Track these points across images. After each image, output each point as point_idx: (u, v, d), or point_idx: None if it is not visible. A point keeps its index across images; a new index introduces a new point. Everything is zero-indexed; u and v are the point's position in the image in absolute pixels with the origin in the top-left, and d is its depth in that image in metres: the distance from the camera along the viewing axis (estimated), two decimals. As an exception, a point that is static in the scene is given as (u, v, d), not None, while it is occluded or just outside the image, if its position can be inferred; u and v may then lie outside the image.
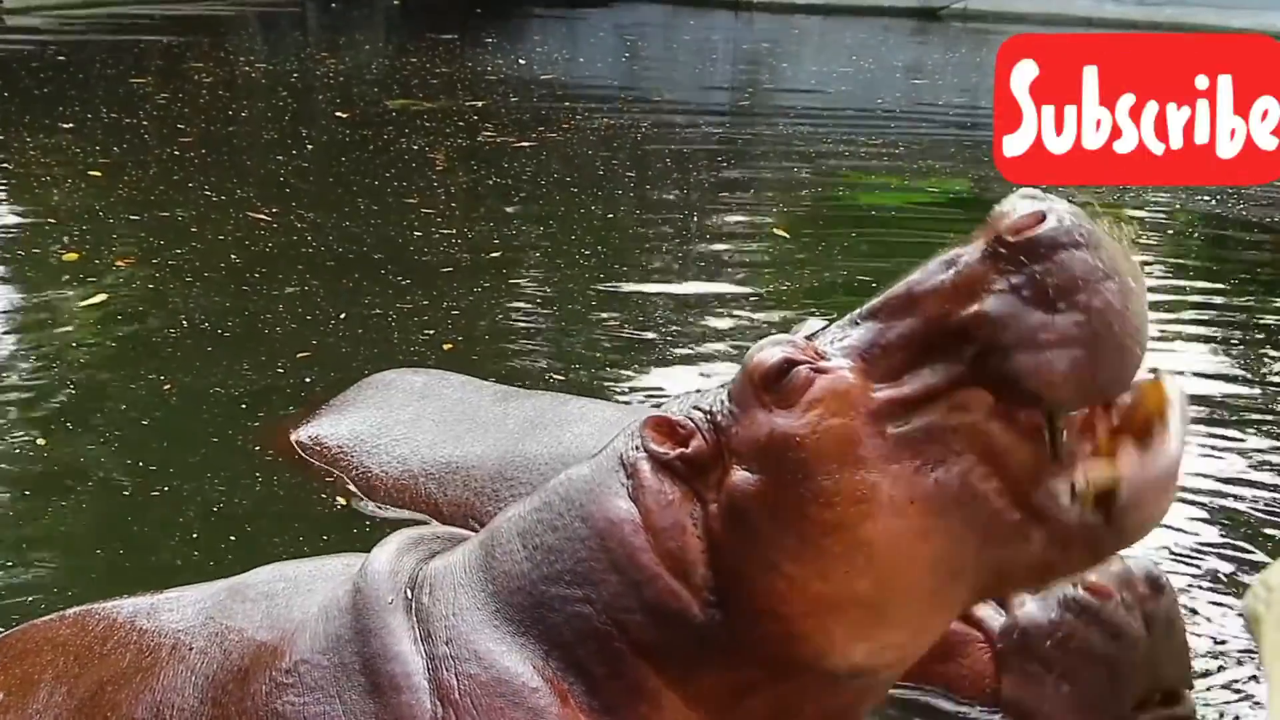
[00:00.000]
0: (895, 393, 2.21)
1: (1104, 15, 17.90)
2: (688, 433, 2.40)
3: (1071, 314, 2.10)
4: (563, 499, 2.52)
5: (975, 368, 2.16)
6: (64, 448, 5.00)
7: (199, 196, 8.69)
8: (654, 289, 7.15)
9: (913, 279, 2.27)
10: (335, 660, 2.59)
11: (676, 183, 9.84)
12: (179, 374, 5.68)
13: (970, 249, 2.22)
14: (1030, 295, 2.12)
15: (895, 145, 11.49)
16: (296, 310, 6.51)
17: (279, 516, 4.49)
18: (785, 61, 17.34)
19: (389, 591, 2.62)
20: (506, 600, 2.52)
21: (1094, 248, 2.14)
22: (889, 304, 2.28)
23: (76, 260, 7.30)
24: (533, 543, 2.51)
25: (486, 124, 11.38)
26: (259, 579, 2.93)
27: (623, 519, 2.40)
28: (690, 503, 2.38)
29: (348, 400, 4.93)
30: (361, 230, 7.99)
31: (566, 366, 5.94)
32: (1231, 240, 8.92)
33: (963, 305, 2.18)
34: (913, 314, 2.24)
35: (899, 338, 2.24)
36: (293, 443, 4.85)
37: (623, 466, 2.47)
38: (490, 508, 4.15)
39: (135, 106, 11.67)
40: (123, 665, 2.87)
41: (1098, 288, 2.11)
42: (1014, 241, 2.16)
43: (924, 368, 2.21)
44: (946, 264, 2.24)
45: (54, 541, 4.40)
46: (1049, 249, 2.14)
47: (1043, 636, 3.32)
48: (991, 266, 2.17)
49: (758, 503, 2.29)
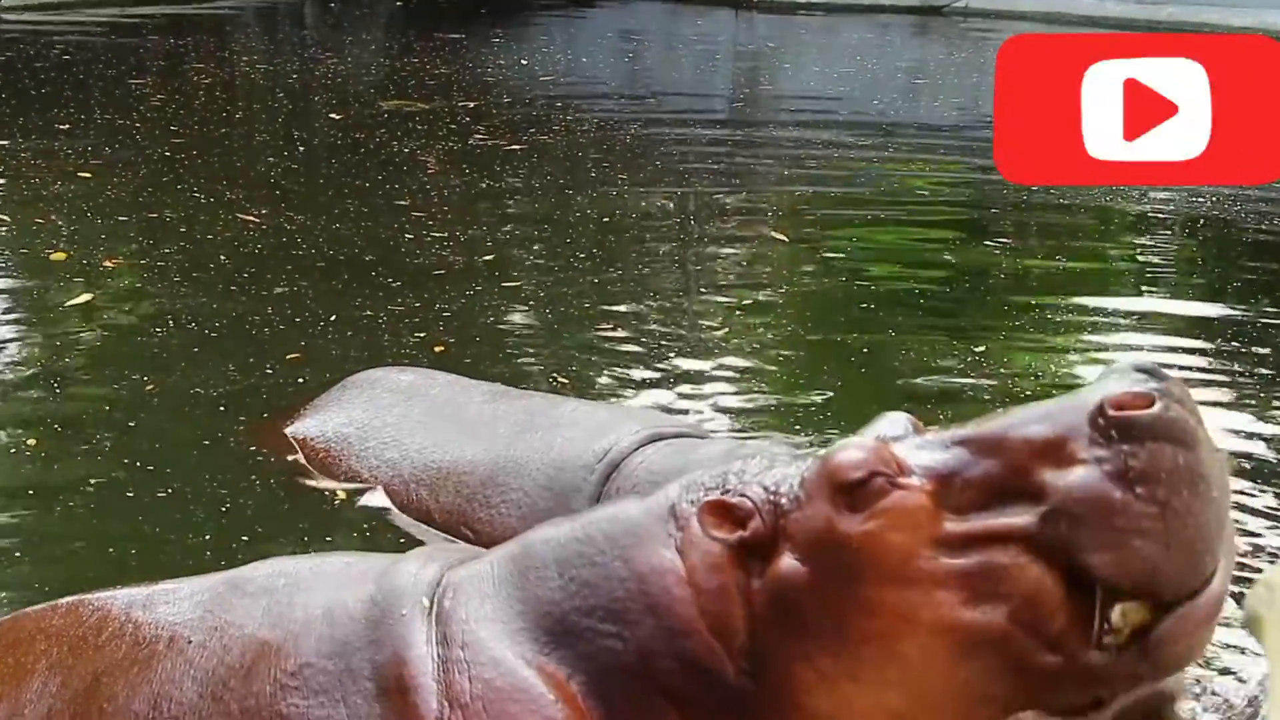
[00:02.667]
0: (962, 527, 2.27)
1: (1105, 14, 17.83)
2: (745, 514, 2.42)
3: (1148, 506, 2.15)
4: (606, 537, 2.55)
5: (1044, 524, 2.21)
6: (54, 448, 4.95)
7: (188, 198, 8.62)
8: (649, 292, 7.08)
9: (1010, 422, 2.31)
10: (342, 665, 2.63)
11: (674, 184, 9.76)
12: (165, 375, 5.62)
13: (1071, 407, 2.25)
14: (1113, 475, 2.17)
15: (896, 146, 11.44)
16: (285, 312, 6.44)
17: (284, 516, 4.45)
18: (786, 61, 17.29)
19: (405, 603, 2.65)
20: (535, 621, 2.54)
21: (1189, 447, 2.17)
22: (980, 440, 2.32)
23: (64, 260, 7.24)
24: (569, 573, 2.54)
25: (478, 126, 11.31)
26: (258, 573, 2.95)
27: (666, 569, 2.45)
28: (736, 569, 2.41)
29: (332, 400, 4.85)
30: (352, 232, 7.93)
31: (561, 370, 5.88)
32: (1232, 241, 8.85)
33: (1048, 464, 2.23)
34: (1000, 457, 2.28)
35: (980, 475, 2.29)
36: (288, 440, 4.77)
37: (673, 518, 2.50)
38: (482, 514, 4.12)
39: (130, 107, 11.61)
40: (118, 656, 2.87)
41: (1181, 488, 2.15)
42: (1114, 417, 2.19)
43: (995, 510, 2.26)
44: (1045, 416, 2.28)
45: (57, 543, 4.34)
46: (1145, 435, 2.17)
47: None
48: (1086, 433, 2.21)
49: (804, 594, 2.34)
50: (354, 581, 2.80)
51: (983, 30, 18.40)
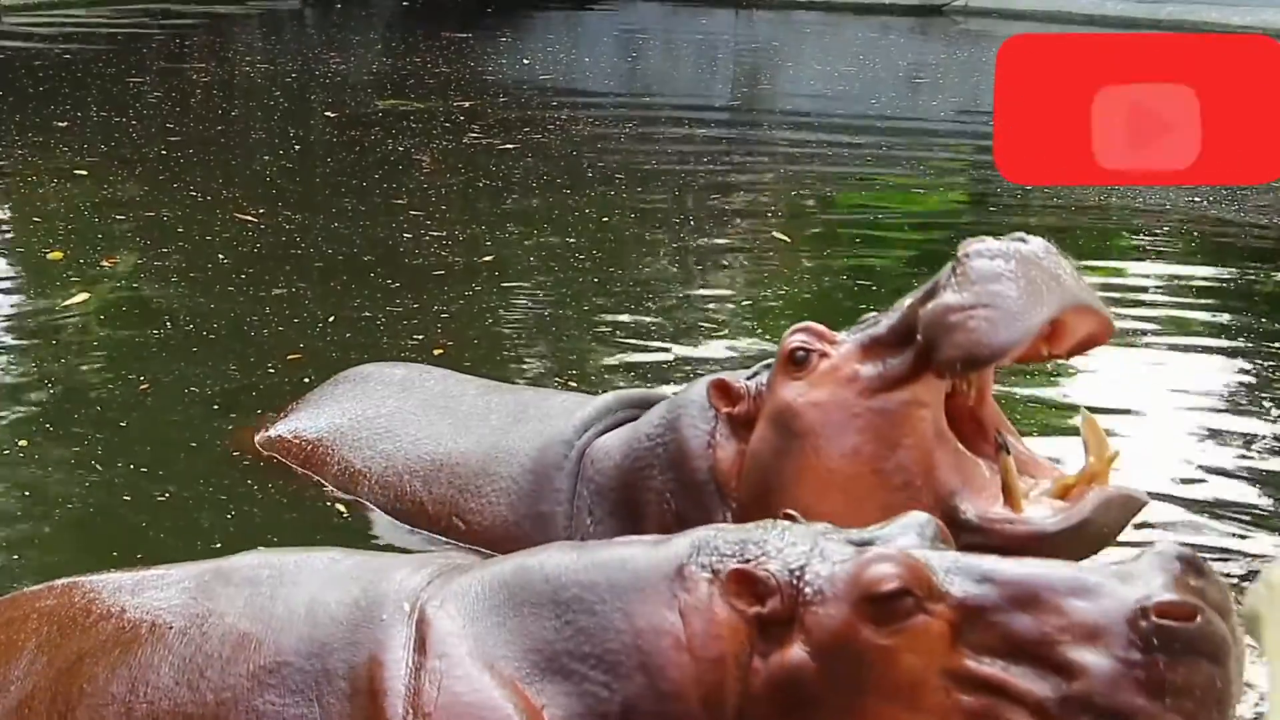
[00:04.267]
0: (979, 669, 2.29)
1: (1105, 13, 17.82)
2: (767, 590, 2.43)
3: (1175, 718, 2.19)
4: (610, 585, 2.56)
5: (1063, 707, 2.24)
6: (48, 450, 4.94)
7: (185, 197, 8.61)
8: (649, 293, 7.05)
9: (1049, 579, 2.31)
10: (319, 666, 2.67)
11: (673, 184, 9.73)
12: (163, 374, 5.60)
13: (1113, 594, 2.24)
14: (1146, 684, 2.20)
15: (896, 146, 11.42)
16: (284, 312, 6.42)
17: (280, 516, 4.44)
18: (787, 61, 17.27)
19: (388, 609, 2.69)
20: (521, 653, 2.55)
21: (1223, 664, 2.21)
22: (1015, 586, 2.32)
23: (62, 259, 7.22)
24: (566, 616, 2.56)
25: (472, 125, 11.28)
26: (244, 563, 3.02)
27: (666, 630, 2.47)
28: (738, 642, 2.43)
29: (325, 394, 4.83)
30: (350, 232, 7.91)
31: (560, 371, 5.86)
32: (1232, 241, 8.84)
33: (1079, 642, 2.25)
34: (1031, 614, 2.29)
35: (1006, 625, 2.30)
36: (280, 441, 4.75)
37: (680, 578, 2.51)
38: (473, 504, 4.12)
39: (127, 106, 11.60)
40: (102, 638, 2.94)
41: (1211, 706, 2.20)
42: (1156, 625, 2.20)
43: (1013, 661, 2.29)
44: (1086, 591, 2.28)
45: (51, 546, 4.33)
46: (1185, 650, 2.20)
47: None
48: (1125, 631, 2.22)
49: (809, 689, 2.36)
50: (338, 580, 2.84)
51: (983, 29, 18.39)
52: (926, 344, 3.36)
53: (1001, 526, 3.31)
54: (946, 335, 3.32)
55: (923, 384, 3.41)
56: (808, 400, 3.51)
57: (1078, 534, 3.28)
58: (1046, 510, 3.33)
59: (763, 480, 3.56)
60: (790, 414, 3.53)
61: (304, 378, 5.53)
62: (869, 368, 3.49)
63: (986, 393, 3.58)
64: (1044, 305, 3.30)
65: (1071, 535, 3.27)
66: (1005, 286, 3.30)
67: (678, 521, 3.65)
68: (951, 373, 3.36)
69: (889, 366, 3.46)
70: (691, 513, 3.66)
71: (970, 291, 3.32)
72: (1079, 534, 3.29)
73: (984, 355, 3.29)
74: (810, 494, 3.44)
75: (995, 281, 3.31)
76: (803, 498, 3.43)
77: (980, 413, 3.58)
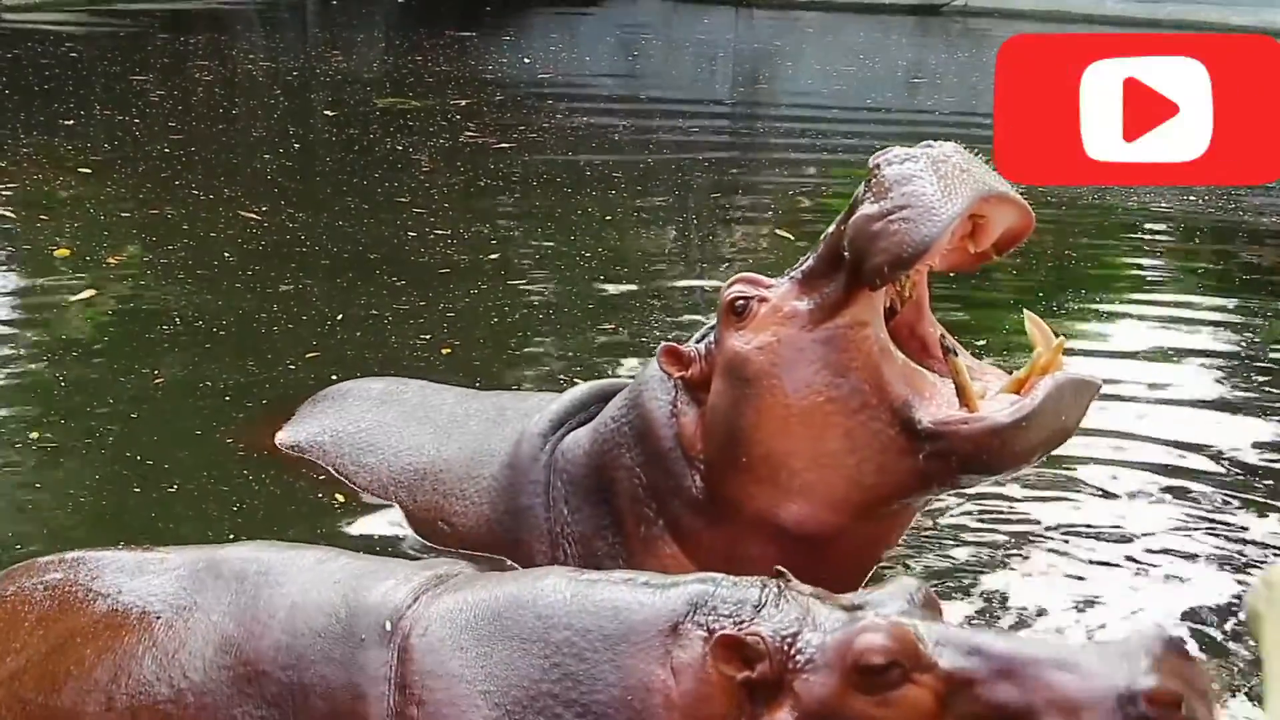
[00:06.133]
0: None
1: (1105, 12, 17.85)
2: (755, 656, 2.43)
3: None
4: (603, 635, 2.56)
5: None
6: (59, 443, 4.97)
7: (188, 194, 8.62)
8: (652, 291, 7.09)
9: (1036, 655, 2.33)
10: (294, 679, 2.71)
11: (674, 183, 9.77)
12: (171, 371, 5.64)
13: (1100, 676, 2.26)
14: None
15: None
16: (292, 309, 6.45)
17: (285, 512, 4.47)
18: (787, 60, 17.29)
19: (366, 627, 2.72)
20: (504, 688, 2.57)
21: None
22: (1003, 660, 2.33)
23: (68, 256, 7.25)
24: (555, 658, 2.56)
25: (469, 124, 11.30)
26: (236, 555, 3.06)
27: (656, 687, 2.47)
28: (727, 704, 2.42)
29: (305, 412, 4.89)
30: (354, 230, 7.93)
31: (568, 369, 5.88)
32: (1230, 241, 8.87)
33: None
34: (1017, 688, 2.30)
35: (992, 699, 2.31)
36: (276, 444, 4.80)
37: (675, 634, 2.51)
38: (458, 506, 4.17)
39: (130, 104, 11.62)
40: (94, 618, 2.99)
41: None
42: (1144, 711, 2.21)
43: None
44: (1073, 669, 2.28)
45: (61, 538, 4.27)
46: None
47: None
48: (1111, 713, 2.22)
49: None
50: (322, 583, 2.86)
51: (982, 29, 18.41)
52: (854, 260, 3.41)
53: (957, 427, 3.32)
54: (870, 244, 3.36)
55: (860, 304, 3.44)
56: (754, 346, 3.54)
57: (1034, 423, 3.27)
58: (1001, 404, 3.33)
59: (725, 432, 3.58)
60: (740, 362, 3.56)
61: (316, 375, 5.56)
62: (806, 302, 3.52)
63: (924, 307, 3.61)
64: (958, 197, 3.33)
65: (1028, 425, 3.27)
66: (918, 186, 3.36)
67: (649, 494, 3.73)
68: (882, 279, 3.39)
69: (825, 295, 3.50)
70: (662, 482, 3.71)
71: (886, 199, 3.38)
72: (1036, 423, 3.28)
73: (909, 254, 3.32)
74: (772, 436, 3.48)
75: (908, 184, 3.37)
76: (765, 440, 3.49)
77: (921, 329, 3.61)
